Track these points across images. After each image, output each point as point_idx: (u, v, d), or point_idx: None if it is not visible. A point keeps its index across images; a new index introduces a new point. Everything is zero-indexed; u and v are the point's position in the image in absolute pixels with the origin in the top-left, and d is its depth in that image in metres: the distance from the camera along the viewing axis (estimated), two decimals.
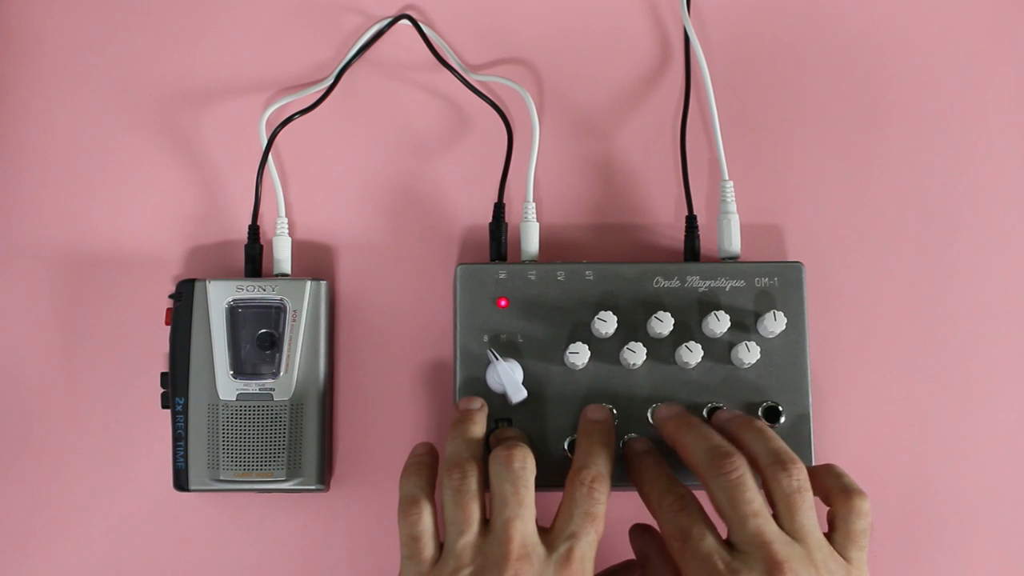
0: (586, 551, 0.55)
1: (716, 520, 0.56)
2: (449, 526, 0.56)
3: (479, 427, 0.61)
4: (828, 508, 0.57)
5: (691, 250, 0.67)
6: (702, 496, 0.57)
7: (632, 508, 0.60)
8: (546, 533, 0.57)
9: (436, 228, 0.69)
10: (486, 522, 0.57)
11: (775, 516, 0.55)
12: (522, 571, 0.54)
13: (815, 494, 0.57)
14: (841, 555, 0.55)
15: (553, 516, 0.57)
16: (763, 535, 0.53)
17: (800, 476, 0.55)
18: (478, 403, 0.62)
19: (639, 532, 0.61)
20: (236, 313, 0.64)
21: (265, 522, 0.66)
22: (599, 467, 0.58)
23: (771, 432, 0.58)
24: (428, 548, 0.57)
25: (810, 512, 0.55)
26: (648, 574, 0.60)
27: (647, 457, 0.60)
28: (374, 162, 0.69)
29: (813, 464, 0.62)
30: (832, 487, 0.57)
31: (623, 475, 0.61)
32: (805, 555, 0.53)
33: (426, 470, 0.60)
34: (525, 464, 0.57)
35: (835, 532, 0.56)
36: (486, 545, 0.55)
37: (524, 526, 0.55)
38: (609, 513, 0.57)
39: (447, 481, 0.57)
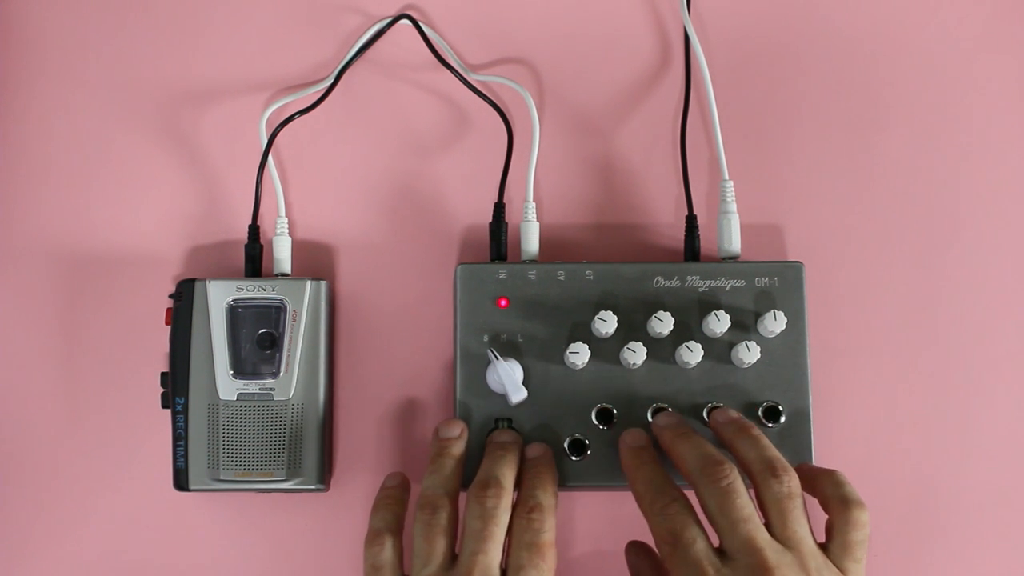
0: None
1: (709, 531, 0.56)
2: (415, 559, 0.57)
3: (456, 462, 0.60)
4: (827, 517, 0.57)
5: (691, 250, 0.67)
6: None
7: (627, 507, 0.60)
8: None
9: (436, 228, 0.69)
10: (455, 558, 0.57)
11: (767, 524, 0.54)
12: None
13: (817, 500, 0.57)
14: (836, 565, 0.54)
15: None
16: (753, 541, 0.53)
17: (792, 483, 0.55)
18: (457, 430, 0.62)
19: (634, 548, 0.61)
20: (236, 313, 0.64)
21: (265, 522, 0.66)
22: (538, 498, 0.58)
23: (766, 441, 0.57)
24: None
25: (802, 519, 0.54)
26: None
27: (642, 454, 0.59)
28: (374, 162, 0.69)
29: (813, 463, 0.62)
30: (831, 496, 0.57)
31: (619, 472, 0.61)
32: (797, 563, 0.53)
33: (395, 505, 0.60)
34: (499, 503, 0.57)
35: (831, 542, 0.56)
36: None
37: (487, 560, 0.55)
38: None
39: (419, 516, 0.57)
